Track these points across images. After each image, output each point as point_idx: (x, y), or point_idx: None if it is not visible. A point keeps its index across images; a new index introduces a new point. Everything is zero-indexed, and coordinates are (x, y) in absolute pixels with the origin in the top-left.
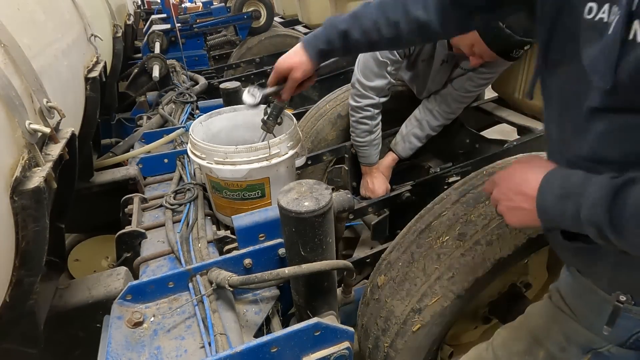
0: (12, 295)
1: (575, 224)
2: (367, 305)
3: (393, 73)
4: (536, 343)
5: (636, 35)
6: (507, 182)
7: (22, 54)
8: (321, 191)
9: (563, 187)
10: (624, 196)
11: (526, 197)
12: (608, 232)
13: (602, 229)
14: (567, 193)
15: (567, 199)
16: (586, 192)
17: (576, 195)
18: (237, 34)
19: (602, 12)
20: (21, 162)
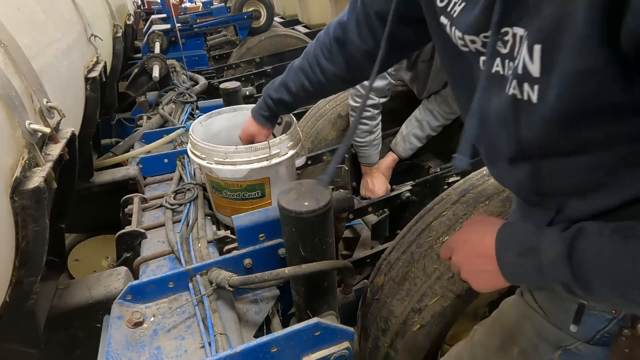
0: (12, 295)
1: (542, 281)
2: (367, 305)
3: (393, 74)
4: (510, 340)
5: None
6: (464, 245)
7: (22, 54)
8: (321, 191)
9: (519, 244)
10: (579, 255)
11: (487, 259)
12: (577, 290)
13: (570, 287)
14: (522, 251)
15: (525, 257)
16: (541, 250)
17: (533, 253)
18: (237, 34)
19: (497, 66)
20: (21, 162)
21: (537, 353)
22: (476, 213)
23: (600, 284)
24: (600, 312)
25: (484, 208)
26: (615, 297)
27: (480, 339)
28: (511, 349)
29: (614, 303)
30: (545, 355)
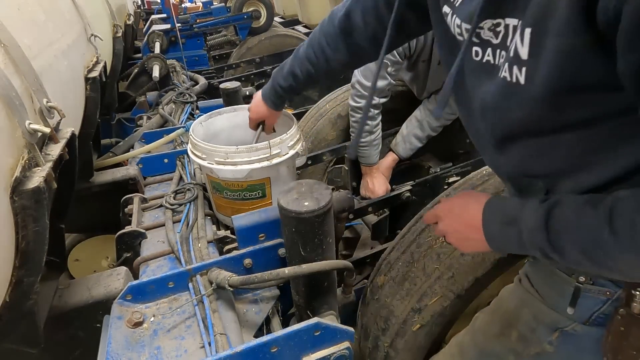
0: (12, 295)
1: (522, 248)
2: (367, 305)
3: (393, 74)
4: (509, 325)
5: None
6: (451, 214)
7: (22, 54)
8: (321, 191)
9: (503, 216)
10: (555, 221)
11: (474, 229)
12: (551, 254)
13: (545, 251)
14: (507, 221)
15: (508, 226)
16: (522, 220)
17: (515, 222)
18: (237, 34)
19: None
20: (21, 162)
21: (535, 336)
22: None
23: (571, 247)
24: (596, 294)
25: None
26: (584, 259)
27: (481, 325)
28: (510, 334)
29: (584, 266)
30: (543, 337)
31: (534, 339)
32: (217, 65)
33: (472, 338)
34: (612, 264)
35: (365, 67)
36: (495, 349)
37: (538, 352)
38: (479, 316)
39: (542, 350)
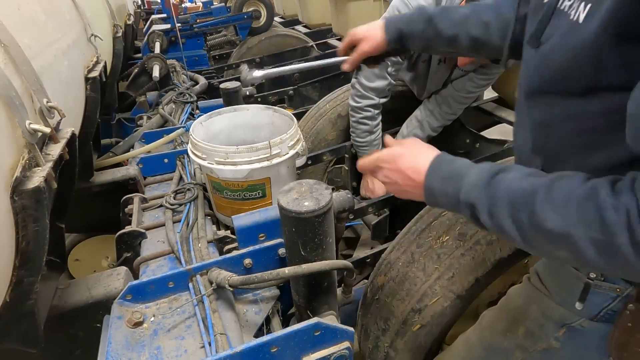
0: (12, 295)
1: (454, 205)
2: (367, 305)
3: (393, 74)
4: (516, 322)
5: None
6: (395, 165)
7: (22, 54)
8: (321, 191)
9: (448, 171)
10: (497, 181)
11: (415, 183)
12: (480, 213)
13: (475, 208)
14: (450, 176)
15: (450, 180)
16: (467, 176)
17: (458, 178)
18: (237, 34)
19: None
20: (21, 162)
21: (543, 332)
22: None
23: (503, 206)
24: (606, 291)
25: None
26: (507, 222)
27: (488, 322)
28: (517, 330)
29: (504, 231)
30: (550, 333)
31: (541, 335)
32: (217, 65)
33: (479, 335)
34: (530, 231)
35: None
36: (502, 345)
37: (545, 347)
38: (486, 314)
39: (548, 346)
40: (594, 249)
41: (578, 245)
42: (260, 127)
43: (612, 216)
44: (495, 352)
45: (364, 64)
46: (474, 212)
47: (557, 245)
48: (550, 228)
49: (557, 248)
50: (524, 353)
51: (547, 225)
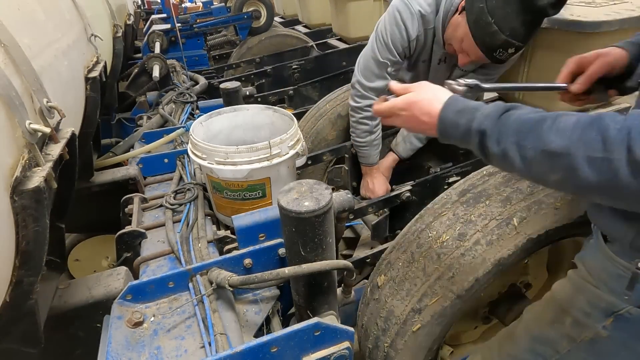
0: (12, 295)
1: (463, 134)
2: (367, 305)
3: (393, 74)
4: (563, 312)
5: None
6: (410, 113)
7: (22, 54)
8: (321, 191)
9: (463, 105)
10: (510, 113)
11: (428, 126)
12: (489, 139)
13: (485, 135)
14: (465, 109)
15: (463, 113)
16: (481, 109)
17: (473, 111)
18: (237, 34)
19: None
20: (21, 162)
21: (590, 321)
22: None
23: (509, 134)
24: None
25: (484, 208)
26: (513, 144)
27: (533, 315)
28: (564, 320)
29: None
30: (598, 322)
31: (589, 324)
32: (217, 65)
33: (524, 327)
34: (531, 155)
35: (365, 67)
36: (549, 335)
37: (592, 337)
38: (529, 308)
39: (596, 335)
40: (591, 168)
41: (575, 165)
42: (260, 127)
43: (613, 134)
44: (542, 342)
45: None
46: (483, 139)
47: (554, 167)
48: (552, 149)
49: (553, 170)
50: (571, 343)
51: (550, 147)
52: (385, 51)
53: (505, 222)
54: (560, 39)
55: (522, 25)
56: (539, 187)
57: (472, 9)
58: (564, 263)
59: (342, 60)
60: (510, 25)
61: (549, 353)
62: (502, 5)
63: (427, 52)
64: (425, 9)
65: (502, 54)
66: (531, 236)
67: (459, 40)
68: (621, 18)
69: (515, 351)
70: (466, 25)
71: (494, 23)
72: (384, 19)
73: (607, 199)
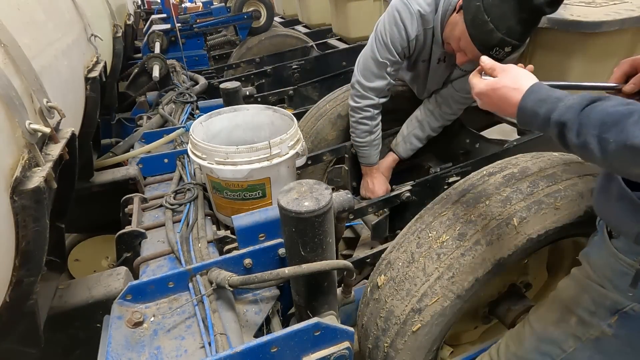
0: (12, 295)
1: (542, 124)
2: (367, 305)
3: (393, 74)
4: (568, 311)
5: None
6: (505, 73)
7: (22, 54)
8: (321, 191)
9: (546, 94)
10: (596, 105)
11: (518, 91)
12: (569, 131)
13: (565, 127)
14: (547, 99)
15: (545, 102)
16: (564, 100)
17: (555, 101)
18: (237, 34)
19: None
20: (21, 162)
21: (595, 319)
22: None
23: (591, 126)
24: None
25: (484, 208)
26: (595, 137)
27: (538, 316)
28: (569, 319)
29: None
30: (603, 320)
31: (594, 323)
32: (217, 65)
33: (530, 327)
34: (613, 149)
35: (364, 67)
36: (555, 334)
37: (597, 336)
38: (534, 309)
39: (601, 333)
40: None
41: None
42: (260, 127)
43: None
44: (548, 342)
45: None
46: (563, 130)
47: (637, 161)
48: (636, 144)
49: (637, 164)
50: (577, 342)
51: (633, 141)
52: (385, 51)
53: (505, 222)
54: (560, 39)
55: (518, 24)
56: (539, 187)
57: (469, 8)
58: (564, 263)
59: (342, 60)
60: (506, 23)
61: (555, 352)
62: (499, 3)
63: (427, 51)
64: (424, 8)
65: (498, 52)
66: (531, 236)
67: (456, 39)
68: (621, 18)
69: (522, 352)
70: (463, 24)
71: (490, 21)
72: (383, 19)
73: None
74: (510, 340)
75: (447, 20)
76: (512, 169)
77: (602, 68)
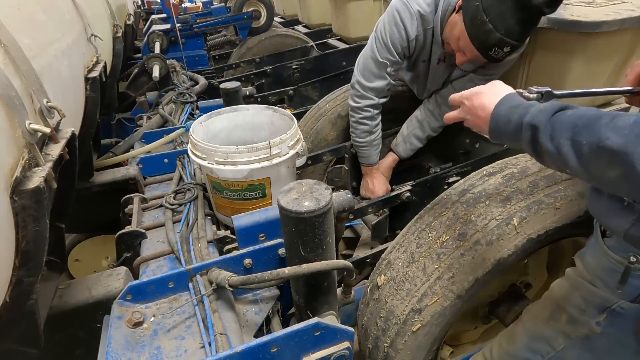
0: (12, 295)
1: (514, 129)
2: (367, 305)
3: (393, 74)
4: (559, 309)
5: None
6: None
7: (22, 54)
8: (321, 191)
9: (518, 102)
10: (566, 111)
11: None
12: (542, 135)
13: (538, 130)
14: (519, 105)
15: (517, 109)
16: (535, 105)
17: (527, 106)
18: (237, 34)
19: None
20: (21, 162)
21: (585, 317)
22: None
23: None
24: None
25: (484, 208)
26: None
27: (530, 314)
28: (560, 317)
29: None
30: (592, 318)
31: (583, 321)
32: (217, 65)
33: (523, 326)
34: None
35: (364, 67)
36: (545, 332)
37: (586, 333)
38: (529, 308)
39: (590, 331)
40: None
41: (632, 162)
42: (260, 127)
43: None
44: (539, 339)
45: None
46: (535, 134)
47: (611, 163)
48: (609, 145)
49: (611, 166)
50: (566, 339)
51: (605, 142)
52: (385, 51)
53: (505, 222)
54: (560, 39)
55: (517, 24)
56: (539, 187)
57: (468, 8)
58: (564, 263)
59: (342, 60)
60: (505, 23)
61: (546, 350)
62: (497, 3)
63: (427, 52)
64: (424, 8)
65: (497, 52)
66: (531, 236)
67: (455, 39)
68: (621, 18)
69: (514, 349)
70: (462, 24)
71: (488, 21)
72: (383, 19)
73: None
74: (503, 339)
75: (447, 20)
76: (512, 169)
77: (602, 68)
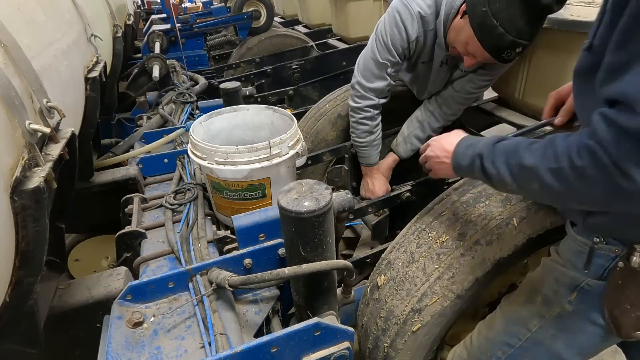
0: (12, 295)
1: (469, 162)
2: (367, 305)
3: (393, 75)
4: (534, 292)
5: None
6: (438, 144)
7: (22, 54)
8: (321, 191)
9: (473, 141)
10: (504, 141)
11: (448, 154)
12: (486, 160)
13: (483, 157)
14: (473, 144)
15: (471, 146)
16: (483, 140)
17: (478, 142)
18: (237, 34)
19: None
20: (21, 162)
21: (557, 297)
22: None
23: (500, 155)
24: (606, 252)
25: (484, 208)
26: (503, 163)
27: (508, 300)
28: (535, 299)
29: (500, 171)
30: (564, 297)
31: (556, 300)
32: (217, 65)
33: (501, 311)
34: (516, 171)
35: (365, 67)
36: (521, 314)
37: (559, 312)
38: (508, 296)
39: (562, 309)
40: (551, 175)
41: (541, 175)
42: (260, 127)
43: (559, 148)
44: (515, 322)
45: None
46: (482, 162)
47: (531, 179)
48: (526, 164)
49: (531, 181)
50: (541, 320)
51: (524, 162)
52: (385, 52)
53: (505, 222)
54: (560, 39)
55: (527, 25)
56: None
57: (474, 13)
58: None
59: (342, 61)
60: (515, 26)
61: (522, 332)
62: (506, 7)
63: (428, 53)
64: (425, 10)
65: (510, 54)
66: (531, 236)
67: (463, 43)
68: None
69: (492, 334)
70: (470, 29)
71: (499, 25)
72: (383, 20)
73: (574, 202)
74: (482, 326)
75: (450, 24)
76: None
77: None
